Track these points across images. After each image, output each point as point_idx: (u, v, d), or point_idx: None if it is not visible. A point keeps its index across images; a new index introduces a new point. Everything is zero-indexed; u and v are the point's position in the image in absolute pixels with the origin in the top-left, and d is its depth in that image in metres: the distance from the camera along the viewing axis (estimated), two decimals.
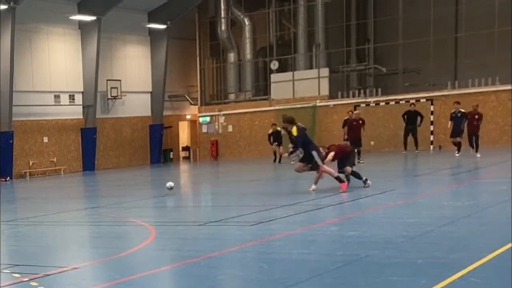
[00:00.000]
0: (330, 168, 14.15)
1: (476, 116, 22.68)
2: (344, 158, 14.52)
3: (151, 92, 34.77)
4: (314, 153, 13.95)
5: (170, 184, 16.22)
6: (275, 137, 27.42)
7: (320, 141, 31.08)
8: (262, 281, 6.61)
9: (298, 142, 13.85)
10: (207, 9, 35.88)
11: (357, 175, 14.37)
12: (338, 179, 13.97)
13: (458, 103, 22.98)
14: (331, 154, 14.34)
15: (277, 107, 31.74)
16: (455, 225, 9.11)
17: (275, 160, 26.91)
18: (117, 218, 12.84)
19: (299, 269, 7.05)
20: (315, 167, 14.06)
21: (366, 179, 14.29)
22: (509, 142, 24.97)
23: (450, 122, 22.99)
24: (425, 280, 6.07)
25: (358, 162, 22.12)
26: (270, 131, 27.86)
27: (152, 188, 21.26)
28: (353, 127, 23.33)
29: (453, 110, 22.98)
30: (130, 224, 11.86)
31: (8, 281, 7.13)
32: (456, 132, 22.55)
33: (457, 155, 22.34)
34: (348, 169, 14.35)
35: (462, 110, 22.63)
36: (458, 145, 22.56)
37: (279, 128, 26.74)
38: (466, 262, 6.62)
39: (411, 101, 27.84)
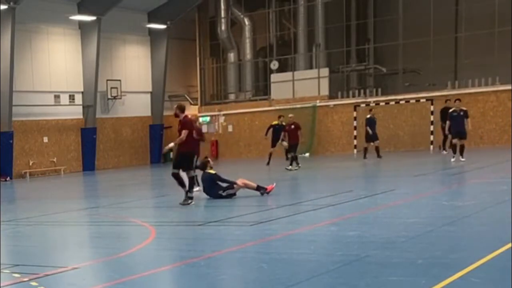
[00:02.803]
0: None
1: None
2: None
3: (151, 92, 34.79)
4: None
5: None
6: (275, 133, 24.59)
7: (320, 141, 31.24)
8: (262, 281, 6.60)
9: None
10: (207, 9, 35.89)
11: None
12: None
13: (459, 100, 21.05)
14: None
15: (277, 107, 31.73)
16: (455, 225, 9.10)
17: (268, 163, 24.37)
18: (117, 218, 12.84)
19: (299, 269, 7.05)
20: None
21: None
22: (509, 142, 24.98)
23: (448, 122, 20.50)
24: (425, 280, 6.07)
25: (290, 169, 21.26)
26: (275, 122, 25.37)
27: (152, 188, 21.28)
28: (289, 132, 22.30)
29: (453, 108, 20.58)
30: (130, 224, 11.86)
31: (8, 281, 7.13)
32: (458, 132, 20.07)
33: (453, 160, 20.06)
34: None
35: (464, 108, 20.54)
36: (461, 148, 19.97)
37: (284, 123, 24.56)
38: (466, 262, 6.62)
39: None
